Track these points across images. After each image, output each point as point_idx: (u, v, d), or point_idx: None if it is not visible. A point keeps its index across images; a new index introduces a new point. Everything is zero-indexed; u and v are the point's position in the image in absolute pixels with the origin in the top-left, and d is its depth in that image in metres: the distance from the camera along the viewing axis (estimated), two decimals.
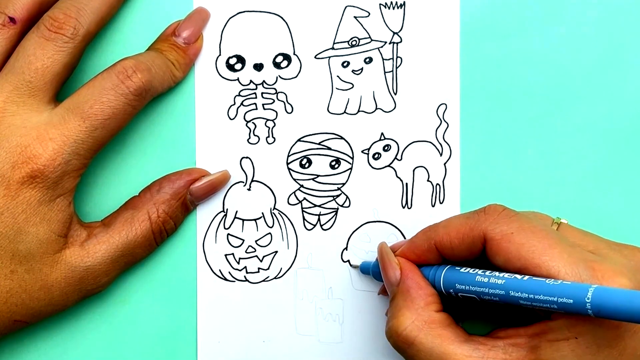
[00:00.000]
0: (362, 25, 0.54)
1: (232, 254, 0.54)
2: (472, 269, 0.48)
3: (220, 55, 0.54)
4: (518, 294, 0.45)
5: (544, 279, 0.45)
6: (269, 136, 0.54)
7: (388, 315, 0.50)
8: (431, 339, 0.48)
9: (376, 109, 0.54)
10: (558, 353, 0.46)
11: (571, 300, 0.43)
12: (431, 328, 0.48)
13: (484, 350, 0.47)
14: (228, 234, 0.55)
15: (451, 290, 0.49)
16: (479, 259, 0.49)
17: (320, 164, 0.54)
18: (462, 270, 0.49)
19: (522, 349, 0.46)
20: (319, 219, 0.55)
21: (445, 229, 0.49)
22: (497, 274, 0.47)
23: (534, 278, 0.45)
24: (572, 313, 0.44)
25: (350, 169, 0.54)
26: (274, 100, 0.54)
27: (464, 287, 0.48)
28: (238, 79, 0.54)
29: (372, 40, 0.54)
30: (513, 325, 0.48)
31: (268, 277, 0.55)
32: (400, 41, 0.54)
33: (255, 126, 0.54)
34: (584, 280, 0.45)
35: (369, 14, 0.54)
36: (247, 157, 0.54)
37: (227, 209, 0.54)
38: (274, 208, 0.55)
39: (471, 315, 0.53)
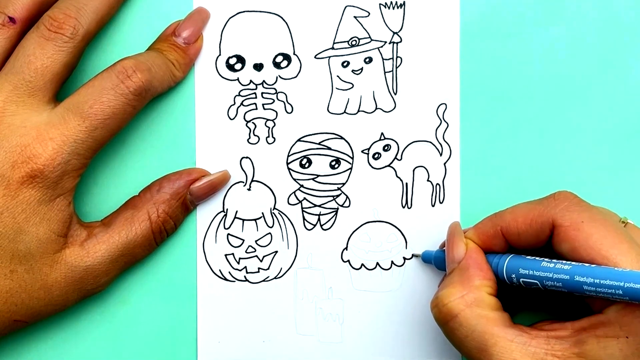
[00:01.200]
0: (362, 25, 0.54)
1: (232, 254, 0.54)
2: (538, 257, 0.48)
3: (220, 55, 0.54)
4: (583, 279, 0.45)
5: (611, 267, 0.45)
6: (269, 136, 0.54)
7: (439, 287, 0.50)
8: (476, 317, 0.47)
9: (376, 108, 0.54)
10: (604, 351, 0.45)
11: (638, 285, 0.43)
12: (479, 307, 0.48)
13: (527, 337, 0.47)
14: (228, 234, 0.54)
15: (513, 276, 0.49)
16: (543, 253, 0.49)
17: (320, 164, 0.54)
18: (528, 257, 0.49)
19: (566, 342, 0.46)
20: (319, 219, 0.55)
21: (512, 214, 0.49)
22: (563, 261, 0.47)
23: (601, 266, 0.45)
24: (636, 300, 0.43)
25: (350, 168, 0.54)
26: (274, 100, 0.54)
27: (527, 272, 0.48)
28: (238, 79, 0.54)
29: (372, 40, 0.54)
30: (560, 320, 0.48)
31: (268, 277, 0.55)
32: (400, 41, 0.54)
33: (255, 126, 0.54)
34: None
35: (369, 13, 0.54)
36: (247, 157, 0.54)
37: (227, 209, 0.54)
38: (274, 208, 0.54)
39: (522, 308, 0.53)
